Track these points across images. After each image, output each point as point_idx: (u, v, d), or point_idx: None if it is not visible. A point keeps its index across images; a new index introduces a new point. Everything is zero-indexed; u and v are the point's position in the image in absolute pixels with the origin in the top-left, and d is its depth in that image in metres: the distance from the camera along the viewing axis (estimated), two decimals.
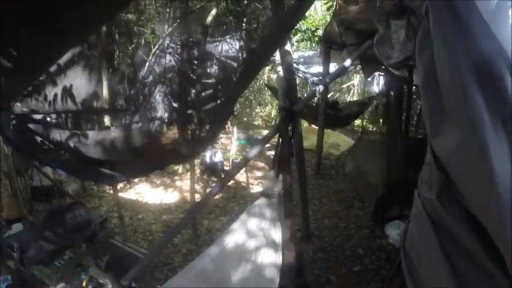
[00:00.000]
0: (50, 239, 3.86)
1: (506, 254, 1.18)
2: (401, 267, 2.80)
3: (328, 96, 10.96)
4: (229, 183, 7.65)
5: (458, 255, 1.53)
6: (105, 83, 3.27)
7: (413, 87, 7.16)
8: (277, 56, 4.08)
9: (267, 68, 11.56)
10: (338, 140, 10.73)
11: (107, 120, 3.42)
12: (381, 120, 7.42)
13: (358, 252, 5.05)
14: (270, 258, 2.98)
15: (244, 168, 8.17)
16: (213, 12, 5.38)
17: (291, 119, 3.08)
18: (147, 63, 3.54)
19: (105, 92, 3.29)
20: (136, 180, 7.94)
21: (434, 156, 1.69)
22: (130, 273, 3.08)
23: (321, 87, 3.97)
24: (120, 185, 7.12)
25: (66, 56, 2.91)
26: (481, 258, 1.39)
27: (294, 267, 2.88)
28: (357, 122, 12.10)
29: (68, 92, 3.02)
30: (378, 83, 12.54)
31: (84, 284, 3.89)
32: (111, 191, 7.17)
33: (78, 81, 3.10)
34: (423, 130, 8.10)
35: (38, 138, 3.29)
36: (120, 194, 6.71)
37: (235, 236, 3.17)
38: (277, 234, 3.09)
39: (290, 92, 3.40)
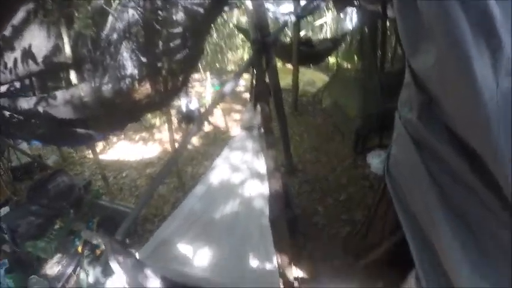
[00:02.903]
0: (37, 213, 3.79)
1: (492, 163, 1.20)
2: (386, 190, 2.89)
3: (301, 34, 10.75)
4: (208, 129, 7.66)
5: (442, 173, 1.56)
6: (66, 38, 3.10)
7: (387, 22, 7.05)
8: None
9: (236, 10, 11.16)
10: (313, 78, 10.63)
11: (73, 77, 3.26)
12: (355, 56, 7.34)
13: (342, 183, 5.18)
14: (257, 190, 3.02)
15: (221, 112, 8.24)
16: None
17: (263, 52, 2.99)
18: (109, 20, 3.34)
19: (67, 48, 3.12)
20: (115, 139, 7.87)
21: (413, 76, 1.68)
22: (121, 228, 3.09)
23: (292, 18, 3.86)
24: (99, 147, 7.04)
25: (20, 16, 2.72)
26: (464, 175, 1.42)
27: (281, 195, 2.92)
28: (332, 60, 11.99)
29: (28, 53, 2.86)
30: (350, 19, 12.30)
31: (79, 250, 3.92)
32: (91, 155, 7.11)
33: (37, 40, 2.93)
34: (399, 64, 8.10)
35: (6, 113, 3.14)
36: (101, 157, 6.64)
37: (219, 172, 3.19)
38: (261, 165, 3.11)
39: (261, 25, 3.29)
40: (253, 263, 2.72)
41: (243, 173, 3.11)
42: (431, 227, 1.73)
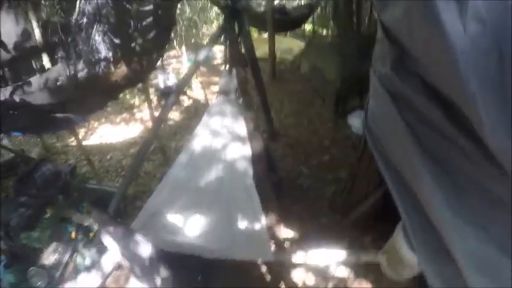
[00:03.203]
0: (27, 203, 3.76)
1: (464, 107, 1.23)
2: (367, 146, 2.95)
3: (275, 2, 10.63)
4: (188, 103, 7.75)
5: (419, 123, 1.59)
6: (35, 23, 3.02)
7: None
8: None
9: None
10: (291, 45, 10.57)
11: (46, 61, 3.21)
12: (331, 21, 7.26)
13: (325, 144, 5.27)
14: (239, 152, 3.06)
15: (200, 86, 8.22)
16: None
17: (235, 17, 2.97)
18: (77, 5, 3.23)
19: (37, 33, 3.05)
20: (96, 124, 7.83)
21: (385, 30, 1.70)
22: (111, 205, 3.13)
23: None
24: (82, 133, 6.98)
25: None
26: (440, 123, 1.45)
27: (263, 155, 2.96)
28: (308, 27, 11.91)
29: None
30: None
31: (73, 236, 3.93)
32: (74, 143, 7.04)
33: (5, 27, 2.86)
34: (375, 27, 8.06)
35: None
36: (84, 142, 6.62)
37: (201, 139, 3.21)
38: (241, 128, 3.15)
39: None
40: (242, 224, 2.76)
41: (224, 137, 3.14)
42: (412, 176, 1.78)
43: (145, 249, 1.80)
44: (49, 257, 3.86)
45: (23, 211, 3.69)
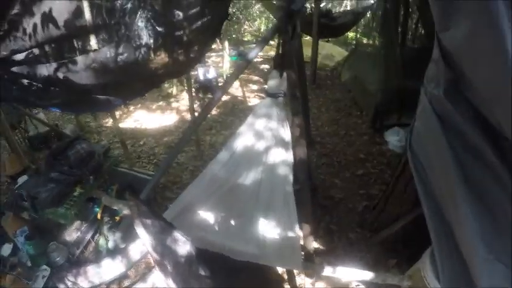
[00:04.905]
0: (57, 179, 3.75)
1: None
2: (407, 166, 2.88)
3: (321, 5, 10.53)
4: (225, 98, 7.71)
5: (465, 151, 1.54)
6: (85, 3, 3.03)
7: None
8: None
9: None
10: (332, 51, 10.50)
11: (93, 42, 3.23)
12: (375, 33, 7.16)
13: (360, 158, 5.19)
14: (281, 157, 2.99)
15: (239, 83, 8.22)
16: None
17: (290, 19, 2.92)
18: None
19: (87, 12, 3.07)
20: (132, 108, 7.96)
21: (442, 51, 1.65)
22: (142, 195, 3.15)
23: None
24: (116, 116, 7.10)
25: None
26: (488, 157, 1.40)
27: (306, 163, 2.91)
28: (351, 34, 11.80)
29: (48, 17, 2.82)
30: None
31: (98, 216, 3.99)
32: (109, 124, 7.21)
33: (58, 3, 2.89)
34: (421, 41, 7.93)
35: (25, 81, 3.11)
36: (119, 125, 6.75)
37: (244, 139, 3.16)
38: (286, 133, 3.07)
39: None
40: (276, 230, 2.73)
41: (268, 140, 3.08)
42: (450, 204, 1.72)
43: (183, 247, 1.77)
44: (71, 234, 3.95)
45: (52, 186, 3.68)
